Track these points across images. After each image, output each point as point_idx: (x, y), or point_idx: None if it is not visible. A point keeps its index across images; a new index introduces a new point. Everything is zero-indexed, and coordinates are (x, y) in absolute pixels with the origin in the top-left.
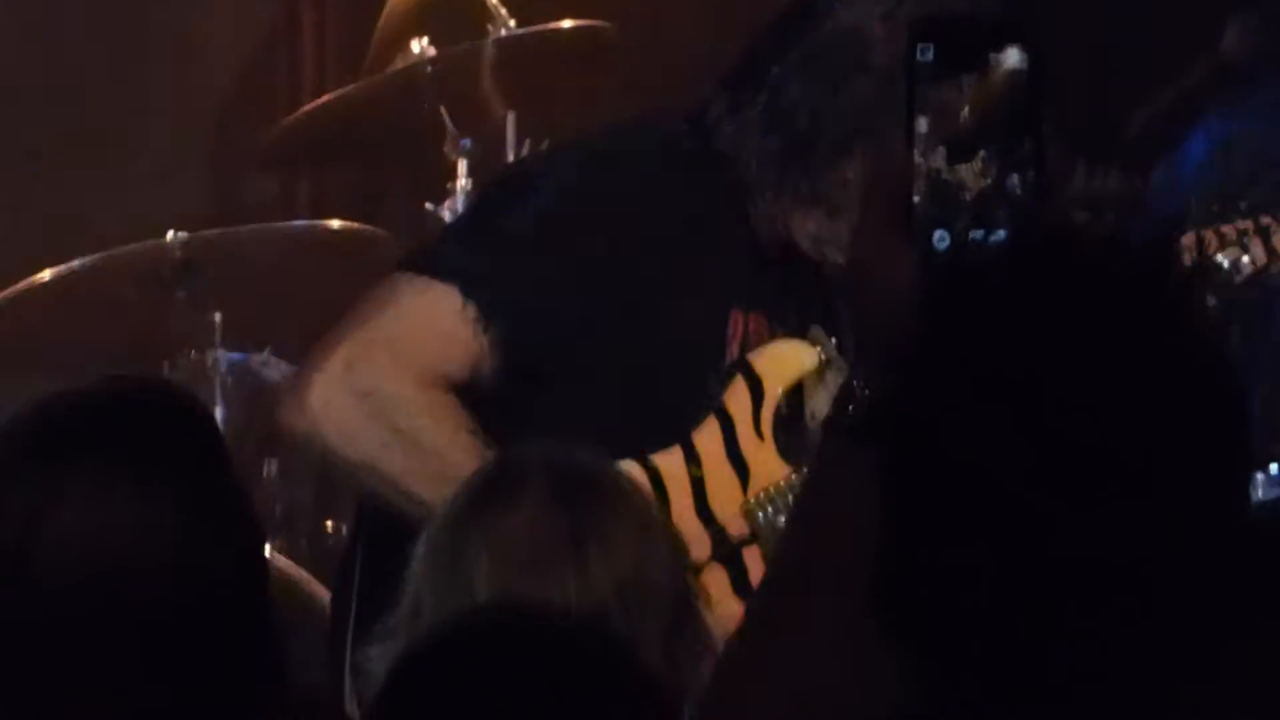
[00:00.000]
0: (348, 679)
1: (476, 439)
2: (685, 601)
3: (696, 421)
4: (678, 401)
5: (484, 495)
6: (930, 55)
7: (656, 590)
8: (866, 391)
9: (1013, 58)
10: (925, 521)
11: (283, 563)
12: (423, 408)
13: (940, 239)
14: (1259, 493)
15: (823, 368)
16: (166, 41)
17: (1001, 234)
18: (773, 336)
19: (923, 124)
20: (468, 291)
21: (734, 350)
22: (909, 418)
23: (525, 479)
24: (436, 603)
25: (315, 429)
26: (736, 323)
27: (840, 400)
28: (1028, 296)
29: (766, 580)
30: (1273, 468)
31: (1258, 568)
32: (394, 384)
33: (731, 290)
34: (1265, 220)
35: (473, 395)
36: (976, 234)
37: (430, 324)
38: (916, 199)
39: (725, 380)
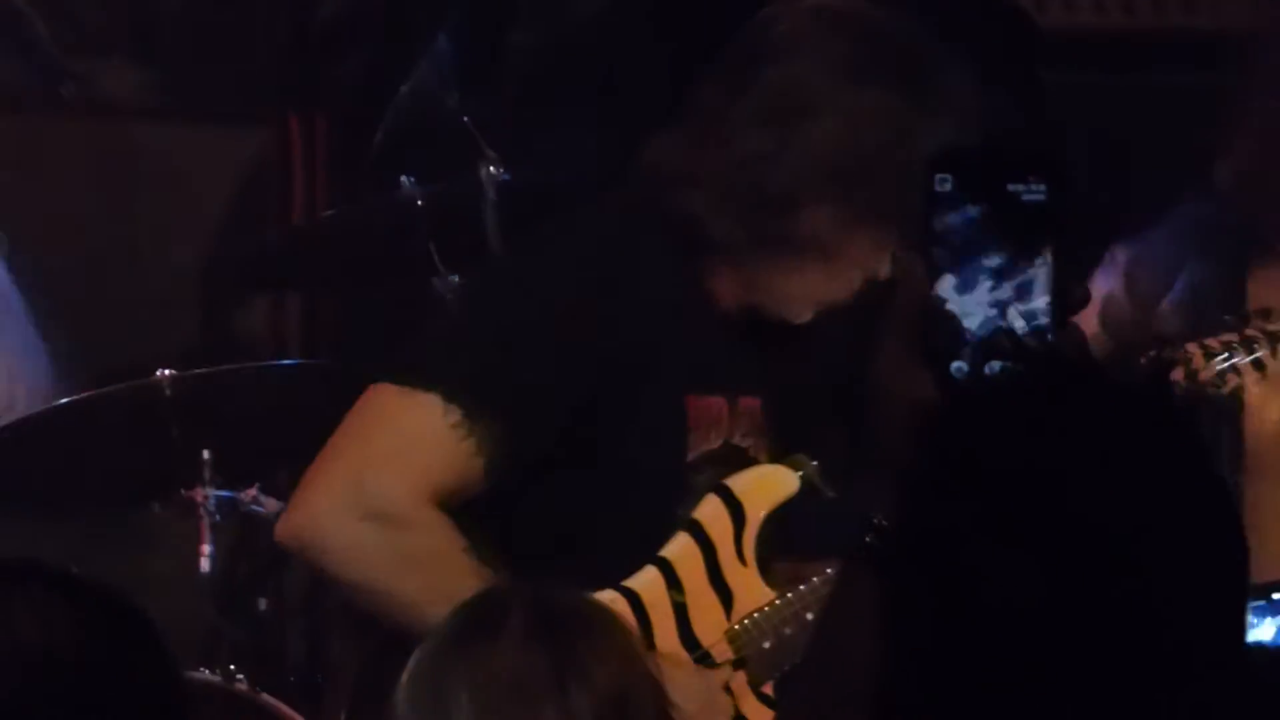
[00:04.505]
0: None
1: (472, 558)
2: None
3: (667, 519)
4: (644, 489)
5: (464, 631)
6: (948, 185)
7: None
8: (884, 521)
9: (1032, 189)
10: (937, 646)
11: (270, 701)
12: (423, 525)
13: (958, 369)
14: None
15: (804, 491)
16: (158, 177)
17: (1014, 365)
18: (733, 429)
19: (937, 254)
20: (449, 397)
21: (696, 434)
22: (923, 543)
23: (505, 614)
24: None
25: (317, 550)
26: (693, 407)
27: (858, 530)
28: (1040, 424)
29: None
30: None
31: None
32: (392, 502)
33: (689, 377)
34: (1251, 332)
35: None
36: (992, 365)
37: (417, 434)
38: (931, 328)
39: (695, 489)
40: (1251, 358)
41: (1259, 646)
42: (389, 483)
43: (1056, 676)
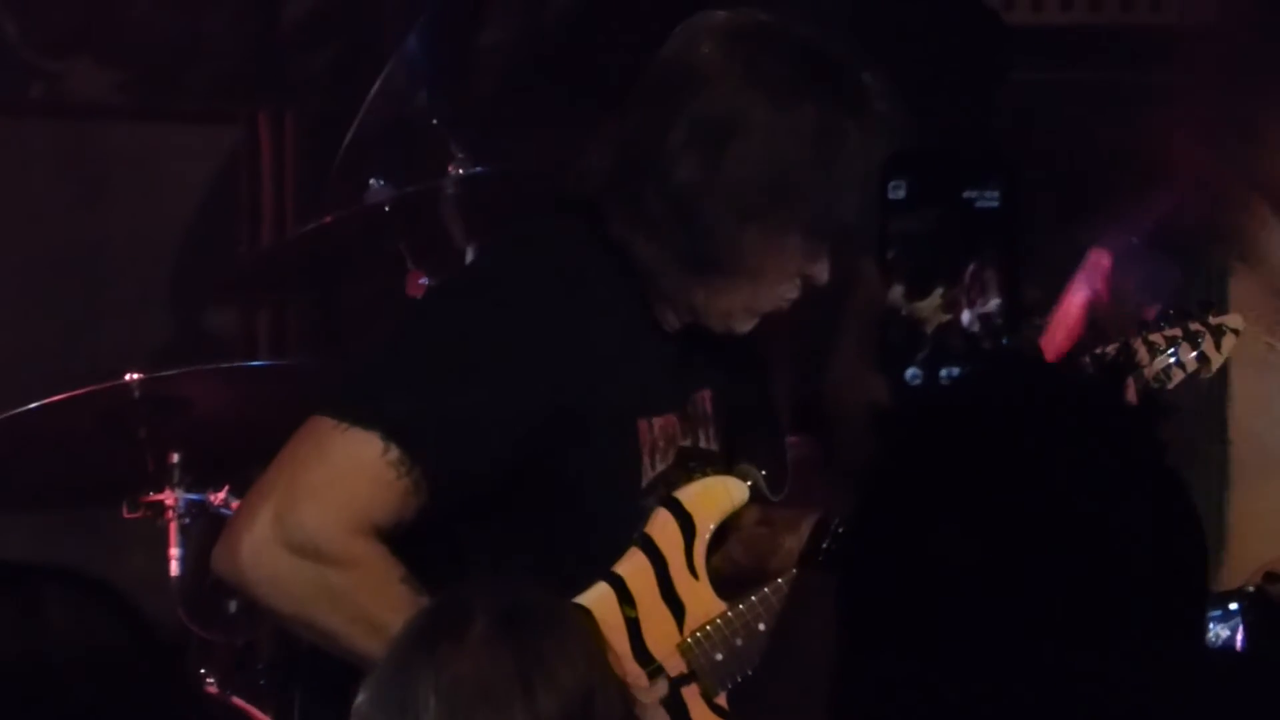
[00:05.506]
0: None
1: (408, 587)
2: None
3: (622, 544)
4: (603, 520)
5: (428, 636)
6: (902, 192)
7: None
8: (840, 527)
9: (986, 195)
10: (895, 650)
11: (241, 704)
12: (353, 560)
13: (914, 376)
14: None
15: (752, 501)
16: (127, 176)
17: (969, 370)
18: (685, 433)
19: (891, 260)
20: (388, 436)
21: (649, 459)
22: (881, 549)
23: (468, 618)
24: None
25: (247, 582)
26: (644, 431)
27: (816, 534)
28: (996, 429)
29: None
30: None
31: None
32: (324, 537)
33: (641, 401)
34: (1194, 326)
35: (403, 534)
36: (948, 370)
37: (355, 471)
38: (887, 334)
39: (649, 512)
40: (1195, 353)
41: (1219, 650)
42: (318, 517)
43: (1016, 679)
